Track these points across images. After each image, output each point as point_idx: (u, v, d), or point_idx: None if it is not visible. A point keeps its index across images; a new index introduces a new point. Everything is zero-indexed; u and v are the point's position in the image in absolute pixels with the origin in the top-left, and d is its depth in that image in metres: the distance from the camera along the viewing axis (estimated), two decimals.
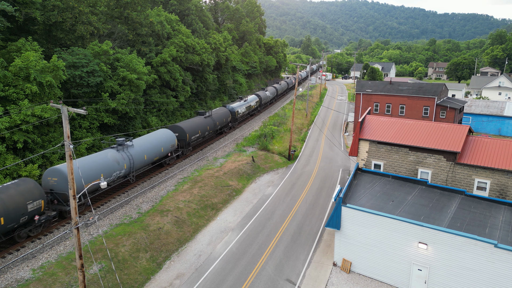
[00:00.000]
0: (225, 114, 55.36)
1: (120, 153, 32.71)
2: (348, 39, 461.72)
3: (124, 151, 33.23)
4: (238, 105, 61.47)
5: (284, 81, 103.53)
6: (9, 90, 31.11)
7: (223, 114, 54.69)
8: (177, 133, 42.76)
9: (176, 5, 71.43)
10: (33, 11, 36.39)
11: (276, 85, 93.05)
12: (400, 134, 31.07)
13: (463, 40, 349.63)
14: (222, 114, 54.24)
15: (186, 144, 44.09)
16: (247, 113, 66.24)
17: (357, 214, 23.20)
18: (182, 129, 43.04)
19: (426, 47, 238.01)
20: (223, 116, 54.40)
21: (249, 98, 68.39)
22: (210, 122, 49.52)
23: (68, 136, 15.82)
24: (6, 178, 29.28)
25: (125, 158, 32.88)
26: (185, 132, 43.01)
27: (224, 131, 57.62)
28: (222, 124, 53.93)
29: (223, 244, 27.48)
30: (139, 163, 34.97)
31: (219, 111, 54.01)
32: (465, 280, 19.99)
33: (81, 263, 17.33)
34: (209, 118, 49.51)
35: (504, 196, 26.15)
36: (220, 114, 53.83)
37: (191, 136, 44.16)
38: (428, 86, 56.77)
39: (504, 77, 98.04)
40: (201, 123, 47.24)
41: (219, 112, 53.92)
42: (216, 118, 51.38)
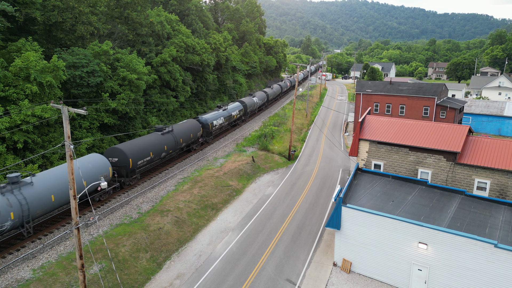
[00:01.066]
0: (193, 127, 45.43)
1: (6, 197, 22.87)
2: (348, 39, 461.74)
3: (13, 193, 23.37)
4: (213, 116, 51.91)
5: (278, 85, 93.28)
6: (9, 90, 31.13)
7: (190, 128, 44.81)
8: (116, 158, 32.91)
9: (176, 5, 71.44)
10: (33, 11, 36.40)
11: (268, 89, 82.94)
12: (400, 134, 31.08)
13: (463, 40, 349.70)
14: (188, 128, 44.48)
15: (129, 173, 34.20)
16: (226, 124, 56.52)
17: (357, 214, 23.21)
18: (123, 152, 32.83)
19: (426, 47, 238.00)
20: (190, 130, 44.61)
21: (230, 106, 59.03)
22: (170, 140, 39.69)
23: (69, 136, 15.83)
24: (6, 179, 29.28)
25: (13, 204, 23.05)
26: (127, 156, 32.81)
27: (193, 148, 47.54)
28: (188, 141, 44.11)
29: (223, 244, 27.50)
30: (40, 208, 24.84)
31: (185, 125, 44.39)
32: (465, 280, 20.00)
33: (82, 263, 17.34)
34: (168, 135, 39.81)
35: (504, 196, 26.16)
36: (186, 128, 44.06)
37: (136, 161, 34.05)
38: (428, 86, 56.79)
39: (504, 77, 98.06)
40: (155, 142, 37.18)
41: (185, 126, 44.23)
42: (179, 134, 41.78)
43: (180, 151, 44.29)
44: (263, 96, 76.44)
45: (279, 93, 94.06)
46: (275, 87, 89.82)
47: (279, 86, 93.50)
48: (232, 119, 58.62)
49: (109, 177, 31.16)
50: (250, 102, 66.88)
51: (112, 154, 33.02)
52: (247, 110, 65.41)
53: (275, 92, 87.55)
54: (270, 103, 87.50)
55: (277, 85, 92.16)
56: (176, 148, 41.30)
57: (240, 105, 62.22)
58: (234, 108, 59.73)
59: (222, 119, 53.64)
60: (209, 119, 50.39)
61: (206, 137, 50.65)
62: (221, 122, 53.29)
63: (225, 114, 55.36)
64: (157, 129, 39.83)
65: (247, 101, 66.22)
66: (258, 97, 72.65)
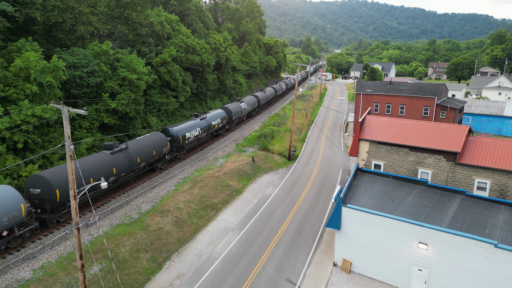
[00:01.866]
0: (157, 142, 37.60)
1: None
2: (348, 39, 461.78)
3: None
4: (187, 127, 43.94)
5: (271, 88, 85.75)
6: (10, 90, 31.13)
7: (153, 143, 36.91)
8: (39, 189, 25.59)
9: (176, 5, 71.45)
10: (33, 11, 36.40)
11: (259, 93, 75.22)
12: (400, 134, 31.08)
13: (463, 40, 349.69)
14: (150, 143, 36.62)
15: (55, 208, 26.42)
16: (205, 136, 48.46)
17: (357, 214, 23.21)
18: (47, 182, 25.40)
19: (426, 47, 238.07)
20: (153, 146, 36.82)
21: (210, 114, 51.11)
22: (122, 160, 32.13)
23: (69, 137, 15.83)
24: (6, 179, 29.30)
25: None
26: (52, 187, 25.44)
27: (157, 167, 39.74)
28: (150, 159, 36.37)
29: (223, 244, 27.50)
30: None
31: (146, 140, 36.62)
32: (465, 280, 20.01)
33: (82, 263, 17.34)
34: (121, 154, 32.33)
35: (504, 196, 26.16)
36: (148, 143, 36.31)
37: (68, 191, 26.20)
38: (428, 86, 56.79)
39: (504, 77, 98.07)
40: (100, 164, 29.78)
41: (146, 141, 36.49)
42: (136, 152, 34.17)
43: (138, 172, 36.72)
44: (252, 101, 68.62)
45: (273, 97, 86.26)
46: (268, 90, 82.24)
47: (273, 89, 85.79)
48: (213, 129, 50.59)
49: (21, 217, 23.86)
50: (236, 109, 59.15)
51: (34, 184, 25.77)
52: (232, 118, 57.54)
53: (267, 96, 79.22)
54: (262, 108, 79.01)
55: (270, 88, 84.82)
56: (131, 170, 33.60)
57: (223, 113, 54.53)
58: (215, 116, 51.72)
59: (198, 130, 45.64)
60: (180, 131, 42.33)
61: (177, 153, 42.90)
62: (196, 133, 45.26)
63: (202, 124, 47.28)
64: (106, 147, 32.26)
65: (233, 107, 58.59)
66: (247, 103, 65.13)
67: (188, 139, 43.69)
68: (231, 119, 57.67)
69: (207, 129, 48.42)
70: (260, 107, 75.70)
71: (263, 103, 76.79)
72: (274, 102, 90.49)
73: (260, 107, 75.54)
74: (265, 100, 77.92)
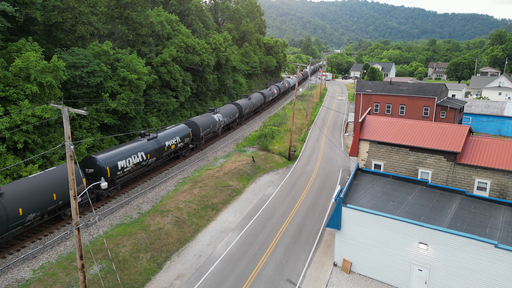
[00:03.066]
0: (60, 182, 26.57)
1: None
2: (348, 39, 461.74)
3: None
4: (123, 152, 32.78)
5: (260, 93, 75.03)
6: (10, 90, 31.13)
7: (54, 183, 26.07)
8: None
9: (176, 5, 71.46)
10: (33, 11, 36.39)
11: (242, 101, 63.42)
12: (400, 134, 31.07)
13: (463, 40, 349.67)
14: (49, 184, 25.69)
15: None
16: (153, 161, 37.32)
17: (358, 215, 23.20)
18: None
19: (426, 47, 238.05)
20: (55, 187, 26.08)
21: (166, 132, 40.10)
22: None
23: (69, 137, 15.82)
24: (6, 179, 29.29)
25: None
26: None
27: (64, 213, 28.28)
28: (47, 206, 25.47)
29: (223, 245, 27.49)
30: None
31: (40, 180, 25.51)
32: (466, 280, 20.00)
33: (82, 263, 17.33)
34: None
35: (504, 196, 26.16)
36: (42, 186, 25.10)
37: None
38: (428, 86, 56.79)
39: (504, 77, 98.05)
40: None
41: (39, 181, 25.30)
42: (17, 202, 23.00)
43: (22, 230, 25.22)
44: (232, 111, 57.21)
45: (261, 104, 74.29)
46: (255, 96, 70.73)
47: (261, 95, 74.89)
48: (168, 152, 39.58)
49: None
50: (206, 122, 48.20)
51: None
52: (199, 135, 46.20)
53: (253, 104, 67.29)
54: (245, 118, 66.88)
55: (258, 94, 74.16)
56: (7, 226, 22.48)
57: (186, 129, 43.25)
58: (172, 134, 40.62)
59: (140, 156, 34.37)
60: (112, 159, 31.26)
61: (104, 190, 31.59)
62: (138, 160, 34.08)
63: (149, 147, 36.07)
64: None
65: (202, 120, 47.38)
66: (223, 113, 54.26)
67: (125, 168, 32.33)
68: (197, 136, 46.26)
69: (156, 152, 37.04)
70: (243, 116, 63.17)
71: (247, 112, 64.22)
72: (262, 109, 78.37)
73: (243, 117, 62.93)
74: (249, 109, 65.45)
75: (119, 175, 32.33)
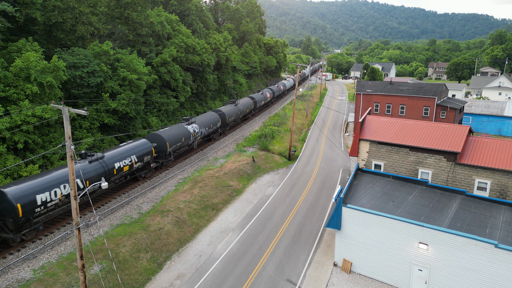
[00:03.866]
0: None
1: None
2: (348, 39, 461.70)
3: None
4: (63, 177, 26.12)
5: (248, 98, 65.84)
6: (10, 90, 31.14)
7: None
8: None
9: (176, 5, 71.47)
10: (33, 11, 36.41)
11: (227, 108, 55.47)
12: (400, 134, 31.08)
13: (463, 40, 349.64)
14: None
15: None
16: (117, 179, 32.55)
17: (358, 215, 23.21)
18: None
19: (426, 47, 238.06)
20: None
21: (115, 152, 32.23)
22: None
23: (69, 137, 15.83)
24: (6, 179, 29.31)
25: None
26: None
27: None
28: None
29: (223, 245, 27.50)
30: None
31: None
32: (466, 281, 20.00)
33: (82, 263, 17.34)
34: None
35: (504, 196, 26.16)
36: None
37: None
38: (428, 86, 56.79)
39: (504, 77, 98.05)
40: None
41: None
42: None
43: None
44: (213, 120, 49.13)
45: (250, 110, 65.19)
46: (244, 102, 61.10)
47: (251, 100, 65.13)
48: (120, 174, 31.94)
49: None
50: (176, 135, 40.20)
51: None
52: (167, 150, 38.33)
53: (241, 110, 57.97)
54: (231, 127, 60.36)
55: (247, 99, 64.57)
56: None
57: (146, 145, 35.63)
58: (127, 152, 33.04)
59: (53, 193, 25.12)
60: (28, 191, 23.67)
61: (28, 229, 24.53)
62: (56, 199, 25.41)
63: (88, 171, 28.33)
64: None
65: (170, 133, 39.42)
66: (201, 123, 46.33)
67: (45, 204, 24.57)
68: (165, 152, 38.54)
69: (101, 177, 29.15)
70: (227, 126, 56.05)
71: (232, 120, 56.84)
72: (250, 117, 69.36)
73: (227, 126, 55.94)
74: (235, 116, 57.52)
75: (39, 212, 24.37)
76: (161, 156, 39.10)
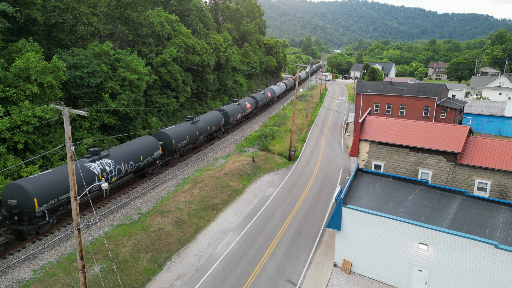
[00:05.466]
0: None
1: None
2: (348, 39, 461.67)
3: None
4: None
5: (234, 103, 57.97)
6: (10, 91, 31.15)
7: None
8: None
9: (177, 5, 71.48)
10: (33, 12, 36.42)
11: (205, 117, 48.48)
12: (400, 134, 31.08)
13: (463, 40, 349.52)
14: None
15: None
16: None
17: (358, 215, 23.21)
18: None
19: (426, 47, 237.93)
20: None
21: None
22: None
23: (69, 137, 15.85)
24: (7, 179, 29.31)
25: None
26: None
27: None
28: None
29: (223, 245, 27.51)
30: None
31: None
32: (466, 281, 20.01)
33: (82, 264, 17.35)
34: None
35: (504, 197, 26.16)
36: None
37: None
38: (428, 86, 56.78)
39: (504, 77, 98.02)
40: None
41: None
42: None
43: None
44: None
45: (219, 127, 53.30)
46: (204, 119, 48.23)
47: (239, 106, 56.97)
48: None
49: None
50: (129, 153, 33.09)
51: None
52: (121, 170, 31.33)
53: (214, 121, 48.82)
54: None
55: (234, 106, 57.68)
56: None
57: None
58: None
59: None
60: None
61: None
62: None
63: None
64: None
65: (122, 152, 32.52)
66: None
67: None
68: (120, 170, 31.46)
69: None
70: (207, 132, 48.28)
71: (214, 128, 49.77)
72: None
73: (208, 131, 48.26)
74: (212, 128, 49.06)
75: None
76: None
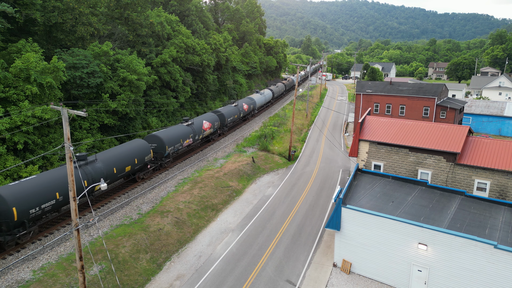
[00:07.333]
0: None
1: None
2: (348, 39, 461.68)
3: None
4: None
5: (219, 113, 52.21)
6: (10, 91, 31.18)
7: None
8: None
9: (176, 5, 71.50)
10: (33, 12, 36.44)
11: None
12: (400, 134, 31.08)
13: (463, 40, 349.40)
14: None
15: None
16: None
17: (357, 215, 23.21)
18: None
19: (426, 47, 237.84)
20: None
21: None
22: None
23: (68, 138, 15.85)
24: (6, 179, 29.33)
25: None
26: None
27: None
28: None
29: (223, 245, 27.51)
30: None
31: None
32: (465, 281, 20.00)
33: (82, 264, 17.36)
34: None
35: (504, 197, 26.15)
36: None
37: None
38: (428, 86, 56.77)
39: (504, 77, 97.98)
40: None
41: None
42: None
43: None
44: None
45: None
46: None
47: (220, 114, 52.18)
48: None
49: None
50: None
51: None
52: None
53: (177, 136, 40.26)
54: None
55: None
56: None
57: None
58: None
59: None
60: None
61: None
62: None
63: None
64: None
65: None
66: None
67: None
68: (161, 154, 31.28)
69: None
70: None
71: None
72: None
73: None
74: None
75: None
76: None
